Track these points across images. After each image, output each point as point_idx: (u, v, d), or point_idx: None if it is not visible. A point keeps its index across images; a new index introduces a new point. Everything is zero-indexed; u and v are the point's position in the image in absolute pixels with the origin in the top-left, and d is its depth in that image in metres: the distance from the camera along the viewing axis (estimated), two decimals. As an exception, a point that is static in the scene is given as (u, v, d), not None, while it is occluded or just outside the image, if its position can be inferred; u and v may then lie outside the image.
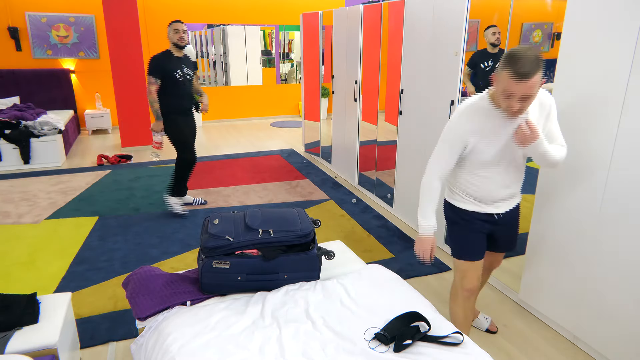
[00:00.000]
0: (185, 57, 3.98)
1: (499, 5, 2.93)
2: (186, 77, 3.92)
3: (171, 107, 3.87)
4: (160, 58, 3.84)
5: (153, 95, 3.76)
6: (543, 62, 1.64)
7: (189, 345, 1.63)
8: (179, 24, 3.90)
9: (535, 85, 1.65)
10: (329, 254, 2.22)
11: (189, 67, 3.98)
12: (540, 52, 1.65)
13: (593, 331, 2.31)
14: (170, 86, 3.82)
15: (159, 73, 3.78)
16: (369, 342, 1.66)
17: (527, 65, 1.61)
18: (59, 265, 3.23)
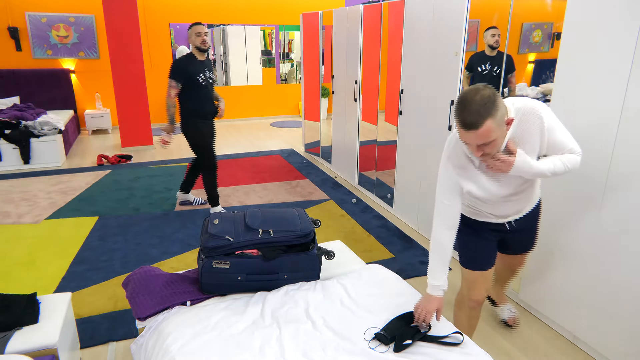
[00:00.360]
0: (207, 60, 3.89)
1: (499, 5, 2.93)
2: (208, 81, 3.86)
3: (193, 111, 3.82)
4: (183, 61, 3.77)
5: (172, 99, 3.72)
6: (496, 105, 1.50)
7: (189, 345, 1.63)
8: (201, 26, 3.77)
9: (487, 134, 1.51)
10: (329, 254, 2.22)
11: (211, 71, 3.92)
12: (493, 93, 1.51)
13: (593, 331, 2.31)
14: (193, 90, 3.77)
15: (182, 77, 3.72)
16: (369, 342, 1.66)
17: (472, 114, 1.49)
18: (59, 265, 3.23)
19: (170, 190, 4.83)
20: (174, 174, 5.41)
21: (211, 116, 3.97)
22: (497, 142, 1.57)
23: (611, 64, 2.06)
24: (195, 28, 3.76)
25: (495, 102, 1.51)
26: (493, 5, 3.07)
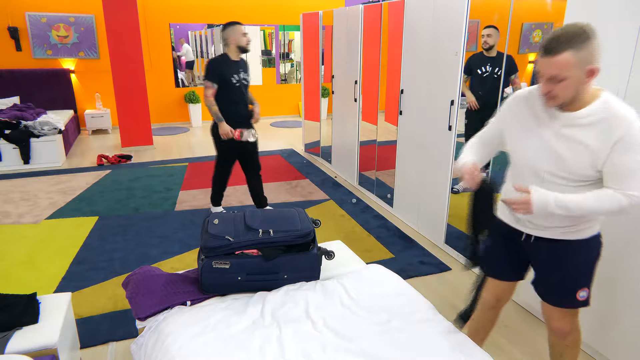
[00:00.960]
0: (242, 61, 3.73)
1: (499, 5, 2.93)
2: (242, 82, 3.69)
3: (227, 113, 3.65)
4: (217, 61, 3.60)
5: (209, 99, 3.57)
6: (584, 41, 1.39)
7: (189, 345, 1.63)
8: (243, 25, 3.63)
9: (560, 66, 1.41)
10: (329, 254, 2.22)
11: (246, 72, 3.75)
12: (587, 31, 1.41)
13: (593, 332, 2.31)
14: (226, 91, 3.61)
15: (217, 77, 3.56)
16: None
17: (554, 40, 1.40)
18: (59, 265, 3.23)
19: (170, 190, 4.83)
20: (174, 174, 5.41)
21: (246, 119, 3.77)
22: (568, 85, 1.44)
23: (611, 64, 2.06)
24: (239, 28, 3.58)
25: (584, 39, 1.40)
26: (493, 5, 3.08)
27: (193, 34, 8.51)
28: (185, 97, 8.34)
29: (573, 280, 1.72)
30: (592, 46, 1.42)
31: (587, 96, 1.50)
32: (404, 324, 1.77)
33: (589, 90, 1.50)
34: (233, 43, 3.59)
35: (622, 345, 2.17)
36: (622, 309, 2.15)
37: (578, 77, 1.44)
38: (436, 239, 3.62)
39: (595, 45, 1.42)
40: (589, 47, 1.41)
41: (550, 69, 1.44)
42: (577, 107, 1.52)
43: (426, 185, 3.67)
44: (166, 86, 8.26)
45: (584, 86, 1.47)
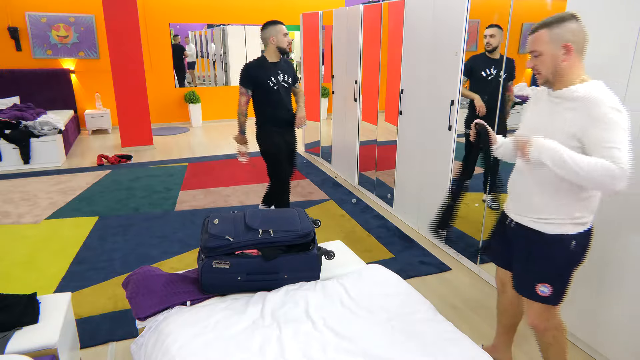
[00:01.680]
0: (282, 62, 3.50)
1: (499, 5, 2.93)
2: (282, 85, 3.44)
3: (266, 117, 3.47)
4: (251, 66, 3.40)
5: (241, 107, 3.39)
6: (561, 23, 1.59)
7: (189, 345, 1.63)
8: (284, 26, 3.43)
9: (536, 42, 1.64)
10: (329, 254, 2.22)
11: (287, 74, 3.49)
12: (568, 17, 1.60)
13: (593, 331, 2.31)
14: (264, 95, 3.41)
15: (250, 83, 3.36)
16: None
17: (538, 23, 1.64)
18: (59, 265, 3.23)
19: (170, 190, 4.83)
20: (174, 174, 5.41)
21: (287, 123, 3.52)
22: (545, 59, 1.64)
23: (611, 63, 2.06)
24: (280, 27, 3.39)
25: (560, 20, 1.60)
26: (493, 5, 3.07)
27: (193, 34, 8.52)
28: (185, 97, 8.34)
29: (534, 272, 1.81)
30: (567, 26, 1.60)
31: (573, 77, 1.66)
32: (404, 324, 1.77)
33: (576, 72, 1.65)
34: (273, 43, 3.40)
35: (610, 338, 2.17)
36: (609, 300, 2.16)
37: (553, 53, 1.63)
38: (436, 239, 3.62)
39: (572, 26, 1.60)
40: (563, 27, 1.60)
41: (530, 45, 1.68)
42: (562, 86, 1.68)
43: (426, 185, 3.67)
44: (166, 86, 8.26)
45: (561, 62, 1.63)
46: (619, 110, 1.55)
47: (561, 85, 1.68)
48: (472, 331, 2.56)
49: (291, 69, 3.55)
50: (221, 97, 8.84)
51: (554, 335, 1.89)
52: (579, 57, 1.64)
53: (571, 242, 1.73)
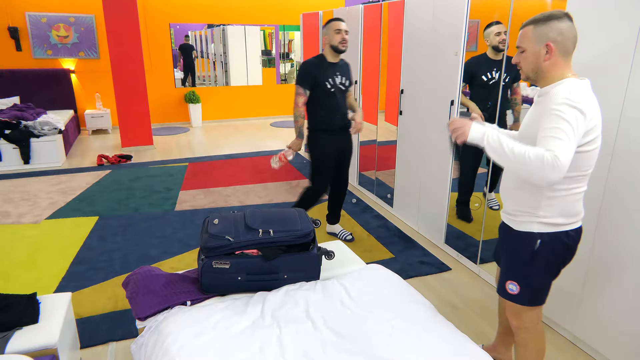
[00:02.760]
0: (341, 63, 3.26)
1: (499, 5, 2.93)
2: (339, 87, 3.21)
3: (318, 122, 3.24)
4: (311, 64, 3.18)
5: (299, 108, 3.16)
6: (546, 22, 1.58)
7: (189, 345, 1.63)
8: (341, 22, 3.13)
9: (521, 38, 1.66)
10: (329, 254, 2.22)
11: (345, 76, 3.26)
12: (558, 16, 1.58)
13: (593, 331, 2.31)
14: (319, 97, 3.18)
15: (309, 82, 3.14)
16: None
17: (532, 17, 1.64)
18: (59, 265, 3.23)
19: (170, 190, 4.83)
20: (174, 174, 5.41)
21: (343, 130, 3.31)
22: (527, 56, 1.64)
23: (611, 63, 2.06)
24: (334, 24, 3.13)
25: (548, 19, 1.59)
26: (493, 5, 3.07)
27: (193, 34, 8.52)
28: (185, 97, 8.35)
29: (504, 268, 1.84)
30: (554, 25, 1.58)
31: (556, 76, 1.63)
32: (404, 324, 1.76)
33: (559, 72, 1.62)
34: (326, 42, 3.18)
35: (610, 338, 2.17)
36: (609, 300, 2.16)
37: (535, 50, 1.62)
38: (436, 239, 3.62)
39: (559, 26, 1.57)
40: (549, 25, 1.59)
41: (517, 40, 1.68)
42: (543, 85, 1.67)
43: (426, 185, 3.67)
44: (166, 86, 8.27)
45: (543, 61, 1.62)
46: (571, 105, 1.49)
47: (543, 83, 1.67)
48: (472, 331, 2.56)
49: (348, 71, 3.32)
50: (221, 97, 8.85)
51: (524, 337, 1.87)
52: (563, 57, 1.60)
53: (536, 241, 1.71)
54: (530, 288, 1.77)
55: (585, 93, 1.54)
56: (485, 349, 2.25)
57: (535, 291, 1.77)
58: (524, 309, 1.81)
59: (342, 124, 3.29)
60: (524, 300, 1.79)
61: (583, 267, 2.32)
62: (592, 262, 2.26)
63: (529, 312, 1.82)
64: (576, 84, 1.57)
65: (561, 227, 1.69)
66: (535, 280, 1.76)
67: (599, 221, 2.20)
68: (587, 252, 2.28)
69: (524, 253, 1.75)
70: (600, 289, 2.24)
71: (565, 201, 1.66)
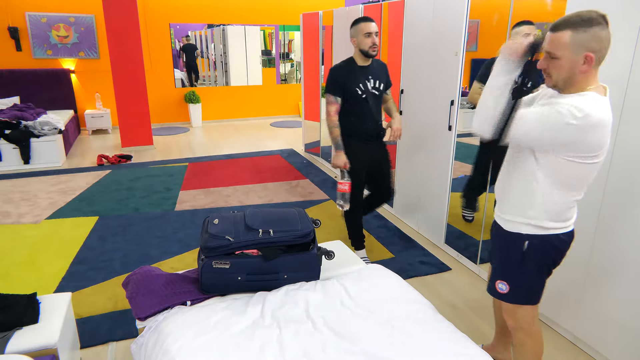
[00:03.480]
0: (374, 65, 2.99)
1: (499, 5, 2.93)
2: (371, 92, 2.94)
3: (348, 128, 2.98)
4: (339, 70, 2.94)
5: (332, 118, 2.92)
6: (588, 27, 1.40)
7: (189, 345, 1.63)
8: (370, 23, 2.82)
9: (556, 43, 1.45)
10: (329, 254, 2.22)
11: (378, 80, 2.98)
12: (599, 19, 1.41)
13: (593, 331, 2.31)
14: (349, 104, 2.95)
15: (339, 90, 2.91)
16: None
17: (563, 19, 1.45)
18: (59, 265, 3.23)
19: (170, 190, 4.83)
20: (174, 174, 5.41)
21: (374, 137, 3.03)
22: (561, 64, 1.47)
23: (611, 63, 2.06)
24: (362, 26, 2.83)
25: (589, 24, 1.41)
26: (493, 5, 3.07)
27: (193, 34, 8.52)
28: (185, 97, 8.35)
29: (494, 267, 1.85)
30: (594, 32, 1.41)
31: (583, 86, 1.50)
32: (404, 324, 1.76)
33: (587, 82, 1.50)
34: (354, 45, 2.91)
35: (610, 338, 2.17)
36: (609, 300, 2.16)
37: (572, 60, 1.46)
38: (436, 239, 3.62)
39: (600, 33, 1.42)
40: (590, 32, 1.41)
41: (549, 45, 1.48)
42: (566, 93, 1.54)
43: (426, 185, 3.67)
44: (166, 86, 8.27)
45: (579, 72, 1.48)
46: (573, 113, 1.43)
47: (568, 92, 1.53)
48: (472, 331, 2.56)
49: (384, 73, 3.03)
50: (221, 97, 8.85)
51: (520, 337, 1.86)
52: (596, 67, 1.48)
53: (524, 242, 1.70)
54: (520, 287, 1.77)
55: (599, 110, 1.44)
56: (485, 348, 2.25)
57: (525, 291, 1.77)
58: (517, 308, 1.81)
59: (375, 132, 3.02)
60: (515, 299, 1.79)
61: (583, 268, 2.32)
62: (592, 262, 2.26)
63: (522, 312, 1.81)
64: (596, 100, 1.47)
65: (551, 230, 1.67)
66: (524, 280, 1.76)
67: (599, 221, 2.20)
68: (587, 253, 2.28)
69: (513, 253, 1.74)
70: (600, 289, 2.24)
71: (559, 207, 1.63)
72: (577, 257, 2.34)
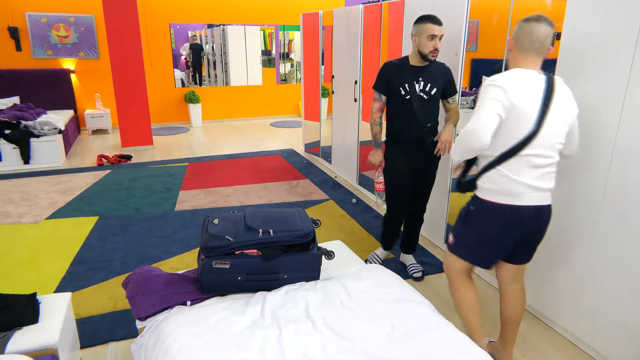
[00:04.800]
0: (433, 67, 2.76)
1: (499, 5, 2.93)
2: (418, 95, 2.71)
3: (392, 133, 2.84)
4: (388, 66, 2.78)
5: (373, 115, 2.80)
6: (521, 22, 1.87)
7: (189, 345, 1.63)
8: (436, 26, 2.61)
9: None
10: (329, 254, 2.22)
11: (432, 83, 2.73)
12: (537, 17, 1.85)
13: (593, 331, 2.31)
14: (394, 104, 2.77)
15: (384, 87, 2.76)
16: None
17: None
18: (59, 265, 3.23)
19: (170, 190, 4.83)
20: (174, 174, 5.41)
21: (417, 145, 2.77)
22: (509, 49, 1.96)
23: (611, 63, 2.06)
24: (428, 28, 2.59)
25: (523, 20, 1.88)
26: (493, 5, 3.07)
27: (193, 34, 8.52)
28: (185, 97, 8.35)
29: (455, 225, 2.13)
30: (519, 25, 1.88)
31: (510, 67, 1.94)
32: (404, 323, 1.76)
33: (514, 63, 1.92)
34: (414, 44, 2.71)
35: (610, 338, 2.17)
36: (609, 300, 2.16)
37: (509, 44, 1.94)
38: (436, 239, 3.62)
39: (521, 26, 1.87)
40: (518, 25, 1.88)
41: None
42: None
43: (426, 185, 3.66)
44: (166, 86, 8.27)
45: (509, 53, 1.95)
46: (492, 84, 1.81)
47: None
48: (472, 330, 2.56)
49: (443, 78, 2.77)
50: (221, 97, 8.84)
51: (450, 285, 2.19)
52: (520, 52, 1.88)
53: (470, 204, 2.01)
54: (461, 243, 2.07)
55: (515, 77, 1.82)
56: (491, 345, 2.25)
57: (465, 247, 2.06)
58: (451, 257, 2.12)
59: (420, 139, 2.76)
60: (454, 250, 2.10)
61: (583, 267, 2.32)
62: (592, 262, 2.26)
63: (454, 262, 2.11)
64: (510, 72, 1.85)
65: (494, 198, 1.91)
66: (466, 238, 2.05)
67: (599, 221, 2.20)
68: (587, 252, 2.28)
69: (463, 210, 2.06)
70: (600, 289, 2.24)
71: (496, 178, 1.88)
72: (577, 257, 2.34)
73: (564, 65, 2.30)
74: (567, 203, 2.36)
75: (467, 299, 2.12)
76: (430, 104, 2.76)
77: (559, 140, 1.85)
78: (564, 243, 2.41)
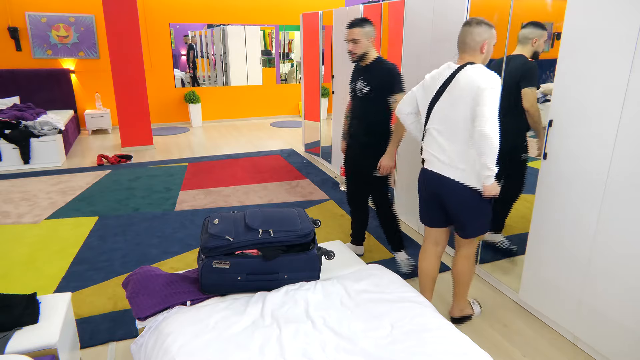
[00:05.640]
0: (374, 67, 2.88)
1: (499, 5, 2.93)
2: (357, 93, 2.98)
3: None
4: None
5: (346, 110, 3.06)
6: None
7: (189, 345, 1.63)
8: (347, 29, 2.85)
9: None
10: (329, 254, 2.22)
11: (367, 82, 2.89)
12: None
13: (593, 331, 2.31)
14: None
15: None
16: None
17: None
18: (59, 265, 3.23)
19: (170, 190, 4.83)
20: (174, 174, 5.41)
21: (353, 138, 3.03)
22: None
23: (611, 63, 2.06)
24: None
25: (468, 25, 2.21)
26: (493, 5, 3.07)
27: (193, 34, 8.51)
28: (185, 97, 8.35)
29: None
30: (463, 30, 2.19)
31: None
32: (404, 323, 1.77)
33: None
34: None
35: (610, 338, 2.18)
36: (609, 300, 2.16)
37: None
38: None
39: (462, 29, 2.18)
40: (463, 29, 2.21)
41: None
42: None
43: (426, 185, 3.66)
44: (166, 86, 8.27)
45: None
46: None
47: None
48: (472, 331, 2.56)
49: (376, 78, 2.85)
50: (221, 97, 8.85)
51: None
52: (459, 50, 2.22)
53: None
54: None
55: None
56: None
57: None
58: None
59: (354, 133, 3.02)
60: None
61: (583, 267, 2.32)
62: (592, 262, 2.26)
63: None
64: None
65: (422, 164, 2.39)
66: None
67: (599, 221, 2.20)
68: (587, 252, 2.28)
69: None
70: (600, 289, 2.24)
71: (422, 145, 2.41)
72: (577, 257, 2.34)
73: (564, 65, 2.30)
74: (567, 203, 2.36)
75: (420, 267, 2.57)
76: (365, 102, 2.96)
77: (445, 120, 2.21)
78: (564, 243, 2.41)
